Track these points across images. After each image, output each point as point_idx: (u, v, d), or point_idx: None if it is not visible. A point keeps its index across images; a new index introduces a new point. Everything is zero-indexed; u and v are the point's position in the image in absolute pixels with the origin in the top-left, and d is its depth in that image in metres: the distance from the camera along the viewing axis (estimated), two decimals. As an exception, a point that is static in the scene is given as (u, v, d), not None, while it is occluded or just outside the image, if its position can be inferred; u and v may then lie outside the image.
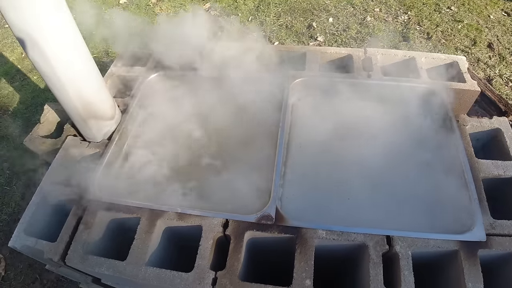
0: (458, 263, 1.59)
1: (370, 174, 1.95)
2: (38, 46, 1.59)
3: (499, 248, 1.62)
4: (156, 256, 1.73)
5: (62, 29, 1.63)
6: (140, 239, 1.67)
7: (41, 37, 1.58)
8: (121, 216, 1.78)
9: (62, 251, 1.68)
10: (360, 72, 2.26)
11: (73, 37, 1.71)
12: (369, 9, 4.51)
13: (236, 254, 1.59)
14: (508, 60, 3.90)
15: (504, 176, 1.87)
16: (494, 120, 2.09)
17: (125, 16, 2.32)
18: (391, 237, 1.62)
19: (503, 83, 3.68)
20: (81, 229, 1.74)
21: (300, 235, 1.62)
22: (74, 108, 1.91)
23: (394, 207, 1.84)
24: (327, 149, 2.08)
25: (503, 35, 4.21)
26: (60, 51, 1.67)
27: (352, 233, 1.62)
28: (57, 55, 1.67)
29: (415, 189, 1.91)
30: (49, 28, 1.58)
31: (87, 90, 1.88)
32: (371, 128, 2.15)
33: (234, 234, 1.64)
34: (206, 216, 1.69)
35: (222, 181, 1.97)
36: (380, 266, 1.54)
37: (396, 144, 2.07)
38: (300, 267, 1.54)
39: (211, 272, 1.55)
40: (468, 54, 3.94)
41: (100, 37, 4.31)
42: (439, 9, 4.53)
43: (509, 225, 1.68)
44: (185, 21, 2.35)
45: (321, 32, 4.22)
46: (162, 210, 1.74)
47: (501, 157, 1.96)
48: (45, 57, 1.65)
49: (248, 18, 4.44)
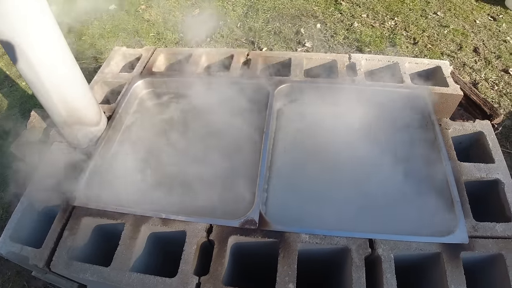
0: (440, 265, 1.60)
1: (353, 178, 1.97)
2: (22, 51, 1.59)
3: (482, 250, 1.63)
4: (141, 262, 1.73)
5: (46, 34, 1.63)
6: (125, 244, 1.67)
7: (25, 43, 1.57)
8: (105, 222, 1.78)
9: (47, 257, 1.67)
10: (344, 78, 2.28)
11: (57, 43, 1.71)
12: (356, 15, 4.55)
13: (220, 259, 1.60)
14: (493, 64, 3.95)
15: (487, 179, 1.89)
16: (476, 123, 2.11)
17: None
18: (374, 240, 1.63)
19: (489, 87, 3.72)
20: (66, 235, 1.74)
21: (283, 239, 1.63)
22: (58, 114, 1.90)
23: (377, 210, 1.86)
24: (311, 154, 2.10)
25: (489, 39, 4.26)
26: (44, 57, 1.67)
27: (335, 237, 1.63)
28: (41, 61, 1.67)
29: (398, 192, 1.93)
30: (33, 34, 1.58)
31: (71, 96, 1.87)
32: (355, 132, 2.17)
33: (218, 239, 1.65)
34: (190, 221, 1.70)
35: (207, 186, 1.97)
36: (363, 269, 1.55)
37: (380, 148, 2.09)
38: (283, 271, 1.54)
39: (195, 277, 1.55)
40: (454, 58, 3.99)
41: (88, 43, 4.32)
42: (426, 14, 4.58)
43: (491, 227, 1.70)
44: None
45: (309, 38, 4.25)
46: (146, 216, 1.74)
47: (483, 160, 1.98)
48: (29, 63, 1.64)
49: (237, 24, 4.46)
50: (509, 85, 3.74)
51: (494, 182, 1.89)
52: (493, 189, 1.90)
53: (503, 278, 1.60)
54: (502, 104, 3.59)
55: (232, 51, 2.50)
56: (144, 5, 4.81)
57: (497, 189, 1.88)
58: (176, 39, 4.30)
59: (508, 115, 3.51)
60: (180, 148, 2.13)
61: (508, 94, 3.66)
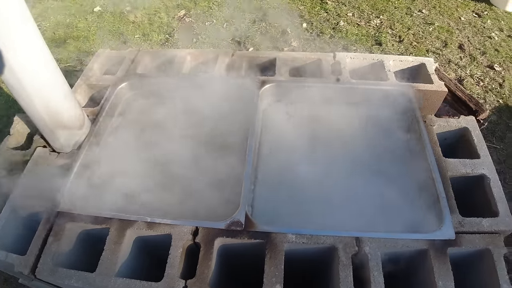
0: (428, 262, 1.61)
1: (340, 176, 1.97)
2: (2, 56, 1.57)
3: (469, 246, 1.64)
4: (127, 267, 1.71)
5: (27, 39, 1.60)
6: (110, 249, 1.65)
7: (6, 48, 1.55)
8: (90, 227, 1.75)
9: (32, 264, 1.65)
10: (329, 76, 2.28)
11: (38, 48, 1.69)
12: (342, 14, 4.57)
13: (206, 261, 1.58)
14: (478, 60, 3.98)
15: (472, 174, 1.90)
16: (461, 119, 2.12)
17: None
18: (360, 239, 1.63)
19: (474, 83, 3.76)
20: (50, 241, 1.71)
21: (270, 240, 1.62)
22: (41, 118, 1.88)
23: (364, 208, 1.86)
24: (297, 154, 2.09)
25: (473, 36, 4.31)
26: (26, 62, 1.65)
27: (322, 236, 1.63)
28: (22, 66, 1.64)
29: (384, 190, 1.93)
30: (14, 39, 1.55)
31: (53, 100, 1.85)
32: (340, 131, 2.17)
33: (204, 242, 1.63)
34: (175, 224, 1.68)
35: (193, 188, 1.95)
36: (350, 267, 1.55)
37: (365, 146, 2.09)
38: (270, 272, 1.53)
39: (181, 281, 1.54)
40: (439, 55, 4.02)
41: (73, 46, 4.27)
42: (411, 12, 4.61)
43: (478, 222, 1.71)
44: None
45: (295, 37, 4.25)
46: (131, 220, 1.72)
47: (469, 156, 1.99)
48: (10, 68, 1.62)
49: (223, 25, 4.45)
50: (494, 81, 3.79)
51: (480, 177, 1.90)
52: (479, 185, 1.91)
53: (490, 273, 1.61)
54: (488, 99, 3.62)
55: (217, 52, 2.48)
56: (129, 6, 4.77)
57: (483, 184, 1.89)
58: (162, 40, 4.27)
59: (494, 111, 3.55)
60: (166, 150, 2.11)
61: (494, 90, 3.70)
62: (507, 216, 1.73)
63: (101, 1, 4.91)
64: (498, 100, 3.62)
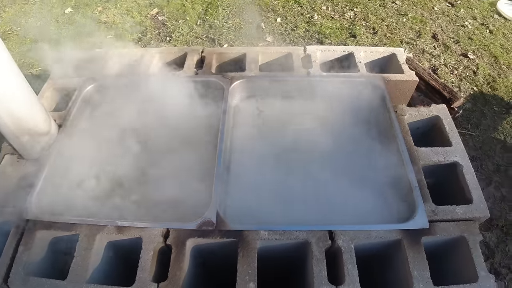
0: (402, 252, 1.60)
1: (311, 171, 1.96)
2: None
3: (443, 234, 1.64)
4: (99, 272, 1.67)
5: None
6: (80, 256, 1.61)
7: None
8: (60, 234, 1.71)
9: (4, 274, 1.61)
10: (299, 70, 2.27)
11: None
12: (316, 8, 4.56)
13: (178, 263, 1.56)
14: (452, 49, 4.02)
15: (445, 162, 1.91)
16: (432, 108, 2.13)
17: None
18: (333, 232, 1.62)
19: (448, 72, 3.79)
20: (21, 250, 1.67)
21: (242, 238, 1.60)
22: (5, 125, 1.82)
23: (336, 202, 1.85)
24: (268, 150, 2.08)
25: (447, 25, 4.34)
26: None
27: (294, 231, 1.62)
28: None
29: (356, 182, 1.93)
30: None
31: (16, 106, 1.79)
32: (312, 124, 2.16)
33: (175, 243, 1.60)
34: (145, 227, 1.65)
35: (163, 190, 1.92)
36: (323, 262, 1.54)
37: (336, 138, 2.09)
38: (243, 271, 1.52)
39: (153, 284, 1.51)
40: (413, 46, 4.04)
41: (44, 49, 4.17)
42: (384, 4, 4.63)
43: (451, 210, 1.71)
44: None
45: (269, 32, 4.23)
46: (100, 225, 1.68)
47: (441, 144, 2.00)
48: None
49: (197, 22, 4.40)
50: (468, 69, 3.82)
51: (452, 165, 1.91)
52: (452, 172, 1.92)
53: (466, 260, 1.61)
54: (462, 87, 3.66)
55: (186, 49, 2.45)
56: (100, 7, 4.68)
57: (456, 171, 1.90)
58: (135, 40, 4.21)
59: (469, 98, 3.58)
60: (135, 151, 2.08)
61: (468, 78, 3.74)
62: (481, 203, 1.74)
63: (72, 3, 4.81)
64: (472, 88, 3.66)
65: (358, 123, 2.19)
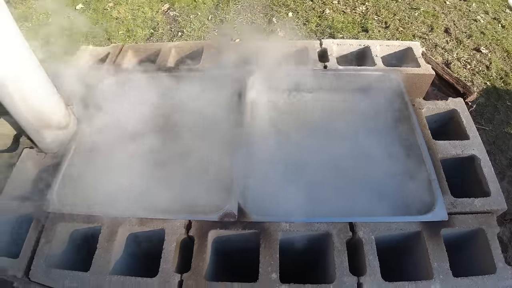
0: (422, 243, 1.61)
1: (331, 163, 1.96)
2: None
3: (462, 226, 1.65)
4: (122, 264, 1.69)
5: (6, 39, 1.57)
6: (102, 248, 1.63)
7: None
8: (81, 226, 1.73)
9: (25, 267, 1.63)
10: (316, 64, 2.27)
11: (19, 47, 1.65)
12: (328, 2, 4.54)
13: (201, 254, 1.57)
14: (465, 43, 3.99)
15: (462, 155, 1.91)
16: (449, 101, 2.13)
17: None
18: (354, 224, 1.63)
19: (461, 66, 3.76)
20: (42, 243, 1.69)
21: (263, 230, 1.61)
22: (25, 119, 1.84)
23: (356, 194, 1.85)
24: (288, 142, 2.08)
25: (459, 19, 4.31)
26: (6, 62, 1.60)
27: (316, 223, 1.63)
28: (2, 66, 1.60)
29: (376, 175, 1.93)
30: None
31: (37, 100, 1.81)
32: (330, 117, 2.16)
33: (198, 235, 1.62)
34: (168, 219, 1.66)
35: (184, 181, 1.93)
36: (345, 253, 1.55)
37: (355, 131, 2.09)
38: (266, 262, 1.53)
39: (177, 275, 1.53)
40: (425, 40, 4.01)
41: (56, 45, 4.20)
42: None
43: (470, 202, 1.72)
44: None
45: (281, 27, 4.21)
46: (123, 217, 1.69)
47: (458, 137, 1.99)
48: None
49: (208, 17, 4.40)
50: (481, 63, 3.79)
51: (470, 158, 1.91)
52: (470, 165, 1.92)
53: (484, 252, 1.62)
54: (475, 82, 3.63)
55: (202, 43, 2.46)
56: (112, 2, 4.69)
57: (474, 164, 1.90)
58: (147, 35, 4.21)
59: (482, 93, 3.56)
60: (155, 144, 2.08)
61: (481, 72, 3.71)
62: (499, 196, 1.74)
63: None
64: (485, 83, 3.63)
65: (376, 116, 2.18)
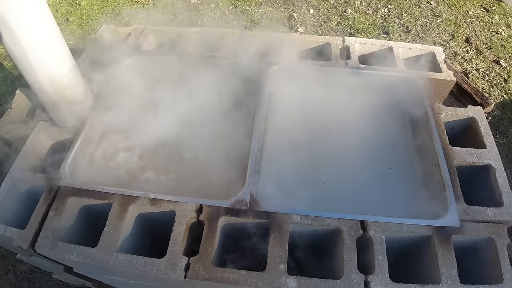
0: (432, 248, 1.60)
1: (346, 160, 1.96)
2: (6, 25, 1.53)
3: (473, 234, 1.63)
4: (128, 243, 1.69)
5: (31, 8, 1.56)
6: (112, 225, 1.63)
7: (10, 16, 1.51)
8: (92, 202, 1.73)
9: (31, 238, 1.63)
10: (337, 61, 2.25)
11: (44, 17, 1.64)
12: (350, 2, 4.52)
13: (210, 239, 1.57)
14: (485, 54, 3.96)
15: (478, 164, 1.89)
16: (469, 109, 2.11)
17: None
18: (365, 222, 1.62)
19: (480, 77, 3.74)
20: (51, 216, 1.69)
21: (274, 220, 1.61)
22: (45, 92, 1.84)
23: (370, 192, 1.85)
24: (303, 136, 2.07)
25: (481, 30, 4.28)
26: (30, 32, 1.60)
27: (327, 218, 1.62)
28: (26, 35, 1.60)
29: (390, 175, 1.92)
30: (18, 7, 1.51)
31: (58, 72, 1.81)
32: (348, 115, 2.15)
33: (208, 219, 1.62)
34: (179, 202, 1.66)
35: (197, 167, 1.93)
36: (354, 250, 1.54)
37: (372, 131, 2.08)
38: (274, 252, 1.52)
39: (184, 257, 1.52)
40: (446, 48, 3.99)
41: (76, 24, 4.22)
42: (419, 3, 4.57)
43: (482, 211, 1.70)
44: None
45: (301, 23, 4.21)
46: (134, 196, 1.69)
47: (475, 145, 1.98)
48: (14, 38, 1.58)
49: (229, 7, 4.40)
50: (499, 76, 3.77)
51: (485, 167, 1.89)
52: (484, 174, 1.90)
53: (493, 262, 1.61)
54: (492, 94, 3.61)
55: (223, 31, 2.45)
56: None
57: (489, 174, 1.88)
58: (166, 21, 4.22)
59: (498, 105, 3.54)
60: (169, 128, 2.08)
61: (499, 85, 3.69)
62: (511, 207, 1.72)
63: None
64: (502, 96, 3.61)
65: (394, 117, 2.17)
